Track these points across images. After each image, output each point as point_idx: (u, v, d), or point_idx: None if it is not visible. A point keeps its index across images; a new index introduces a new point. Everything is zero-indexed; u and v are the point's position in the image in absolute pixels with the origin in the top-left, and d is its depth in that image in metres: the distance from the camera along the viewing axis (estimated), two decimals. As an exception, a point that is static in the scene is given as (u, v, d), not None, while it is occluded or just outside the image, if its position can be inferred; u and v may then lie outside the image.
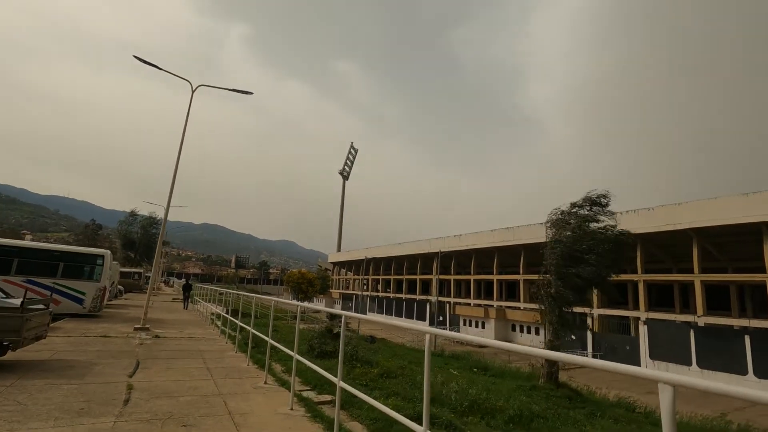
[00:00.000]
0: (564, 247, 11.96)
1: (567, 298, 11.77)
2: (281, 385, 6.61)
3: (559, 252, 12.07)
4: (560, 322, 12.11)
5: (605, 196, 12.05)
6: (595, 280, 11.66)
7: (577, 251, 11.57)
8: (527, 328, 42.86)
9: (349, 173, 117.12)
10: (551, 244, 12.47)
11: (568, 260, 11.78)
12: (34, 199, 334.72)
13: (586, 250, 11.46)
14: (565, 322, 12.09)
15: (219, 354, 8.99)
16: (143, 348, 9.05)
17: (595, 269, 11.21)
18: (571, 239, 11.88)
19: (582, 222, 12.00)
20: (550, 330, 12.33)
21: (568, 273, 11.74)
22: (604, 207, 12.11)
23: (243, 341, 10.25)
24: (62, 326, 11.76)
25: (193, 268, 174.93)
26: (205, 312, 18.13)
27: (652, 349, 30.66)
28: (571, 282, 11.68)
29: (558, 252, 12.12)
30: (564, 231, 12.27)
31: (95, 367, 6.85)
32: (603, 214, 12.09)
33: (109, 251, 15.61)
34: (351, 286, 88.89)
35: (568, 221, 12.33)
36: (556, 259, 12.12)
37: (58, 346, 8.49)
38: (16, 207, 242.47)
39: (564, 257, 11.96)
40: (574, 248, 11.68)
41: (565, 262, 11.91)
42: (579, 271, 11.34)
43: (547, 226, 13.08)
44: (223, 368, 7.54)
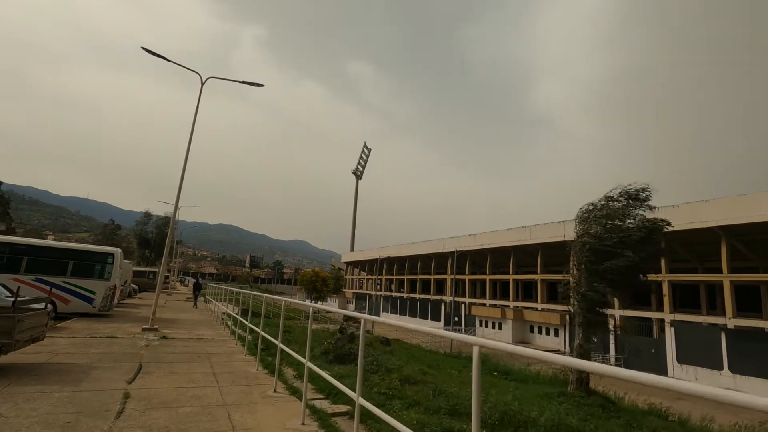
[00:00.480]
0: (594, 241, 11.12)
1: (599, 297, 10.93)
2: (292, 394, 6.02)
3: (589, 247, 11.22)
4: (590, 323, 11.26)
5: (645, 189, 11.14)
6: (630, 274, 10.77)
7: (608, 245, 10.71)
8: (546, 330, 41.65)
9: (363, 173, 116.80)
10: (580, 239, 11.63)
11: (599, 255, 10.94)
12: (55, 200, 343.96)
13: (618, 243, 10.59)
14: (597, 324, 11.25)
15: (227, 357, 8.47)
16: (148, 350, 8.58)
17: (630, 262, 10.34)
18: (602, 233, 11.02)
19: (615, 215, 11.13)
20: (579, 333, 11.51)
21: (599, 269, 10.89)
22: (643, 201, 11.21)
23: (253, 343, 9.74)
24: (70, 326, 11.44)
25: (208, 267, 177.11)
26: (217, 312, 17.75)
27: (679, 352, 29.29)
28: (603, 279, 10.83)
29: (587, 247, 11.27)
30: (594, 225, 11.42)
31: (93, 372, 6.37)
32: (641, 208, 11.18)
33: (119, 249, 15.33)
34: (364, 285, 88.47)
35: (599, 215, 11.47)
36: (585, 255, 11.28)
37: (59, 348, 8.07)
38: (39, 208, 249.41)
39: (594, 252, 11.12)
40: (604, 242, 10.82)
41: (595, 258, 11.07)
42: (611, 264, 10.47)
43: (576, 222, 12.22)
44: (230, 373, 6.99)
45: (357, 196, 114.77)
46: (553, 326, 40.50)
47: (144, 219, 50.20)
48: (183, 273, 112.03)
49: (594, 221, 11.59)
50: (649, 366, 30.17)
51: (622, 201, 11.44)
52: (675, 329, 30.25)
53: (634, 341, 32.66)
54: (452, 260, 59.29)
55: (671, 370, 29.38)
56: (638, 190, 11.36)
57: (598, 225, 11.36)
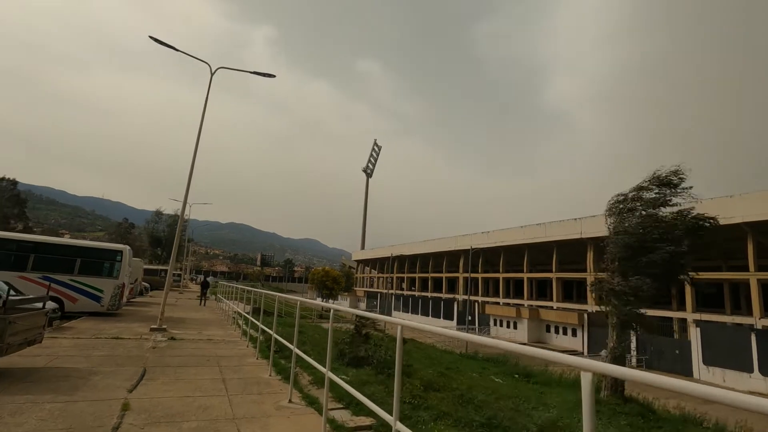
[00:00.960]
0: (629, 237, 10.31)
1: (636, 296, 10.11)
2: (309, 405, 5.41)
3: (624, 243, 10.41)
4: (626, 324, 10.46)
5: (677, 173, 10.27)
6: (671, 272, 9.95)
7: (647, 241, 9.89)
8: (563, 329, 40.54)
9: (373, 170, 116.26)
10: (614, 235, 10.80)
11: (636, 252, 10.13)
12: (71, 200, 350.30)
13: (657, 239, 9.77)
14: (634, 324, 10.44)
15: (238, 361, 7.90)
16: (155, 353, 8.06)
17: (670, 259, 9.52)
18: (639, 227, 10.20)
19: (650, 207, 10.29)
20: (613, 335, 10.72)
21: (637, 265, 10.08)
22: (676, 187, 10.34)
23: (265, 344, 9.17)
24: (76, 326, 11.02)
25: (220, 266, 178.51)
26: (228, 310, 17.30)
27: (705, 353, 28.08)
28: (642, 276, 10.01)
29: (622, 243, 10.46)
30: (629, 219, 10.60)
31: (93, 378, 5.84)
32: (676, 195, 10.33)
33: (128, 247, 14.93)
34: (375, 284, 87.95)
35: (633, 207, 10.65)
36: (620, 251, 10.47)
37: (60, 350, 7.59)
38: (56, 208, 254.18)
39: (630, 249, 10.31)
40: (642, 238, 10.00)
41: (632, 254, 10.27)
42: (650, 261, 9.66)
43: (607, 215, 11.39)
44: (241, 380, 6.41)
45: (367, 194, 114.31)
46: (570, 326, 39.40)
47: (155, 217, 50.33)
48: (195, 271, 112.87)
49: (627, 214, 10.77)
50: (673, 368, 29.04)
51: (654, 189, 10.58)
52: (701, 329, 29.02)
53: (656, 342, 31.46)
54: (465, 258, 58.34)
55: (697, 372, 28.20)
56: (670, 174, 10.48)
57: (633, 218, 10.54)
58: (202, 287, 25.73)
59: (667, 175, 10.42)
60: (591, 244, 42.68)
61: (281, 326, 13.63)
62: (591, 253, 42.65)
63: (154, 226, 49.85)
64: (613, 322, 10.74)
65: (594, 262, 42.16)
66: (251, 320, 9.86)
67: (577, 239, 43.72)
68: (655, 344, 31.50)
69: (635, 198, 10.78)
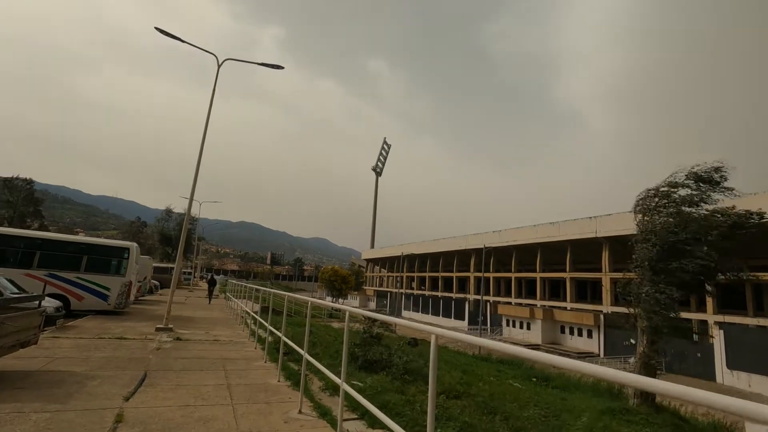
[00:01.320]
0: (661, 236, 9.62)
1: (668, 300, 9.43)
2: (321, 416, 4.91)
3: (655, 243, 9.73)
4: (658, 329, 9.79)
5: (719, 170, 9.54)
6: (705, 275, 9.25)
7: (679, 241, 9.20)
8: (578, 331, 39.57)
9: (382, 169, 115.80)
10: (643, 233, 10.12)
11: (668, 253, 9.45)
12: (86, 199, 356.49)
13: (690, 239, 9.07)
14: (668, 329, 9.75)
15: (245, 364, 7.45)
16: (158, 354, 7.65)
17: (704, 263, 8.82)
18: (671, 226, 9.50)
19: (684, 204, 9.57)
20: (643, 340, 10.04)
21: (668, 268, 9.41)
22: (717, 184, 9.61)
23: (273, 346, 8.72)
24: (80, 325, 10.71)
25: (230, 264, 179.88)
26: (237, 309, 16.95)
27: (729, 357, 27.01)
28: (674, 279, 9.34)
29: (653, 243, 9.78)
30: (660, 217, 9.91)
31: (90, 383, 5.42)
32: (716, 192, 9.60)
33: (135, 244, 14.64)
34: (385, 283, 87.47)
35: (665, 204, 9.95)
36: (650, 251, 9.79)
37: (60, 351, 7.22)
38: (71, 207, 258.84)
39: (662, 249, 9.63)
40: (675, 237, 9.31)
41: (663, 255, 9.59)
42: (683, 264, 8.97)
43: (635, 212, 10.69)
44: (247, 386, 5.95)
45: (377, 192, 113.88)
46: (586, 327, 38.42)
47: (165, 215, 50.48)
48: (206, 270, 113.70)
49: (658, 211, 10.07)
50: (695, 371, 28.02)
51: (691, 185, 9.86)
52: (724, 332, 27.93)
53: (677, 345, 30.39)
54: (476, 257, 57.52)
55: (720, 376, 27.15)
56: (710, 171, 9.74)
57: (665, 216, 9.84)
58: (209, 285, 25.74)
59: (707, 171, 9.68)
60: (606, 243, 41.62)
61: (291, 326, 13.20)
62: (606, 252, 41.60)
63: (165, 224, 49.98)
64: (643, 325, 10.06)
65: (609, 262, 41.11)
66: (259, 320, 9.42)
67: (592, 238, 42.70)
68: (675, 347, 30.44)
69: (666, 194, 10.08)
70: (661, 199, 10.04)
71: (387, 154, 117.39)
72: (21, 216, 55.42)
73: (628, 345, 34.20)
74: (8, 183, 56.34)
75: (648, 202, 10.32)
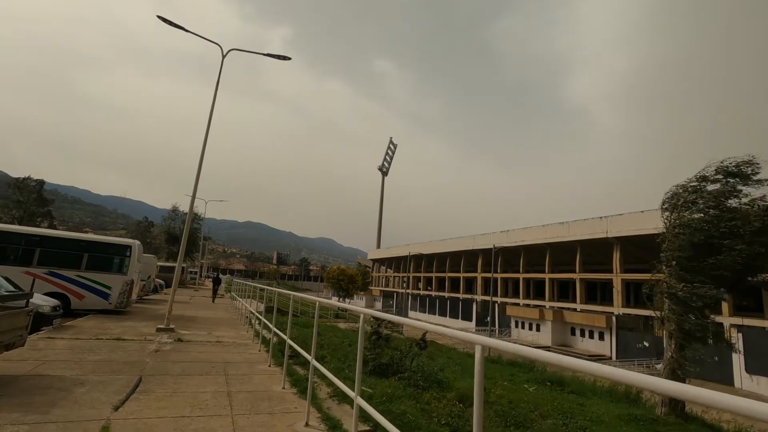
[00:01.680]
0: (692, 233, 9.01)
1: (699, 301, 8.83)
2: (331, 429, 4.41)
3: (685, 240, 9.12)
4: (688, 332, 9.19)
5: (750, 163, 8.92)
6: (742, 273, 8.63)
7: (713, 237, 8.58)
8: (589, 332, 38.74)
9: (389, 169, 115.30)
10: (672, 230, 9.50)
11: (700, 250, 8.85)
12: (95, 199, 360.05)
13: (725, 233, 8.46)
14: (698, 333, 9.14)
15: (248, 368, 6.97)
16: (156, 357, 7.21)
17: (740, 259, 8.22)
18: (703, 222, 8.89)
19: (717, 199, 8.96)
20: (671, 344, 9.44)
21: (700, 266, 8.80)
22: (747, 178, 9.00)
23: (278, 348, 8.25)
24: (79, 324, 10.32)
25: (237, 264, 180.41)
26: (242, 308, 16.55)
27: (748, 361, 26.15)
28: (706, 278, 8.72)
29: (683, 240, 9.17)
30: (690, 213, 9.31)
31: (77, 390, 4.97)
32: (749, 185, 8.98)
33: (137, 242, 14.27)
34: (391, 283, 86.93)
35: (695, 200, 9.35)
36: (680, 249, 9.18)
37: (52, 354, 6.80)
38: (80, 207, 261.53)
39: (693, 246, 9.03)
40: (708, 233, 8.70)
41: (694, 253, 8.99)
42: (718, 261, 8.37)
43: (663, 208, 10.07)
44: (250, 393, 5.47)
45: (383, 192, 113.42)
46: (597, 329, 37.60)
47: (171, 214, 50.38)
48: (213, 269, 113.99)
49: (688, 207, 9.46)
50: (712, 376, 27.15)
51: (721, 180, 9.25)
52: (743, 335, 27.06)
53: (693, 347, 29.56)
54: (484, 258, 56.79)
55: (739, 381, 26.30)
56: (741, 164, 9.12)
57: (696, 212, 9.23)
58: (213, 284, 25.52)
59: (738, 165, 9.06)
60: (617, 243, 40.76)
61: (297, 327, 12.74)
62: (617, 253, 40.75)
63: (171, 224, 49.89)
64: (671, 329, 9.46)
65: (620, 263, 40.25)
66: (264, 321, 8.95)
67: (603, 239, 41.83)
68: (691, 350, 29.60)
69: (696, 189, 9.47)
70: (690, 194, 9.44)
71: (393, 153, 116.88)
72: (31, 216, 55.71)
73: (642, 347, 33.39)
74: (19, 183, 56.71)
75: (677, 199, 9.72)
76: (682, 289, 9.06)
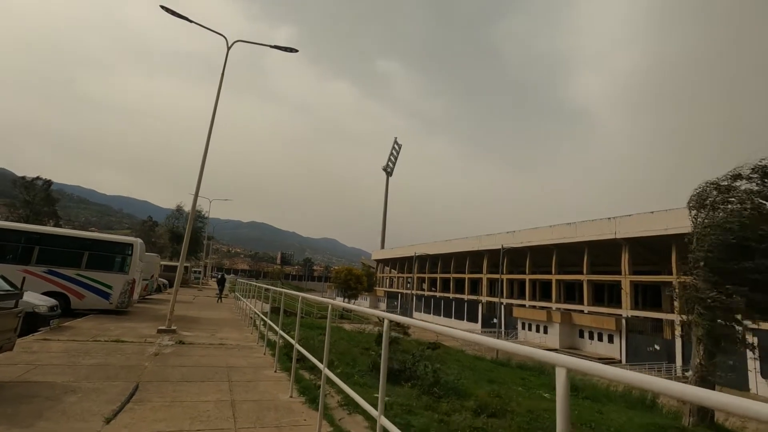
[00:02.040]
0: (724, 233, 8.51)
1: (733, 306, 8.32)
2: (344, 446, 3.97)
3: (717, 241, 8.61)
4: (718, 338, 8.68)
5: None
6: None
7: (748, 239, 8.07)
8: (598, 335, 38.06)
9: (393, 169, 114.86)
10: (702, 231, 8.99)
11: (733, 251, 8.34)
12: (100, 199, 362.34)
13: (763, 236, 7.94)
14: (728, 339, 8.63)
15: (253, 374, 6.54)
16: (156, 361, 6.79)
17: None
18: (737, 223, 8.38)
19: (752, 198, 8.43)
20: (699, 350, 8.93)
21: (733, 269, 8.30)
22: None
23: (285, 351, 7.83)
24: (77, 325, 9.94)
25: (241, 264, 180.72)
26: (246, 309, 16.15)
27: (764, 366, 25.43)
28: (740, 282, 8.21)
29: (715, 241, 8.66)
30: (722, 212, 8.80)
31: (68, 399, 4.56)
32: None
33: (139, 240, 13.90)
34: (395, 284, 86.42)
35: (728, 198, 8.84)
36: (712, 251, 8.67)
37: (45, 357, 6.40)
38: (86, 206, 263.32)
39: (726, 248, 8.52)
40: (743, 234, 8.19)
41: (727, 255, 8.49)
42: (757, 265, 7.85)
43: (691, 207, 9.56)
44: (255, 402, 5.03)
45: (387, 193, 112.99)
46: (606, 331, 36.92)
47: (175, 214, 50.25)
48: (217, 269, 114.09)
49: (717, 207, 8.95)
50: (725, 381, 26.46)
51: (755, 179, 8.73)
52: (758, 339, 26.32)
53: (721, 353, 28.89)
54: (489, 259, 56.19)
55: (754, 386, 25.61)
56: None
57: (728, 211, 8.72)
58: (218, 284, 25.24)
59: None
60: (626, 245, 40.10)
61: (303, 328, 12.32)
62: (626, 254, 40.08)
63: (175, 223, 49.73)
64: (699, 334, 8.94)
65: (629, 265, 39.56)
66: (269, 323, 8.52)
67: (611, 240, 41.15)
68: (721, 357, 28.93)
69: (727, 188, 8.95)
70: (720, 193, 8.93)
71: (398, 154, 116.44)
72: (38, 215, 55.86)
73: (653, 351, 32.71)
74: (27, 183, 57.02)
75: (705, 196, 9.21)
76: (712, 293, 8.55)
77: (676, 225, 33.43)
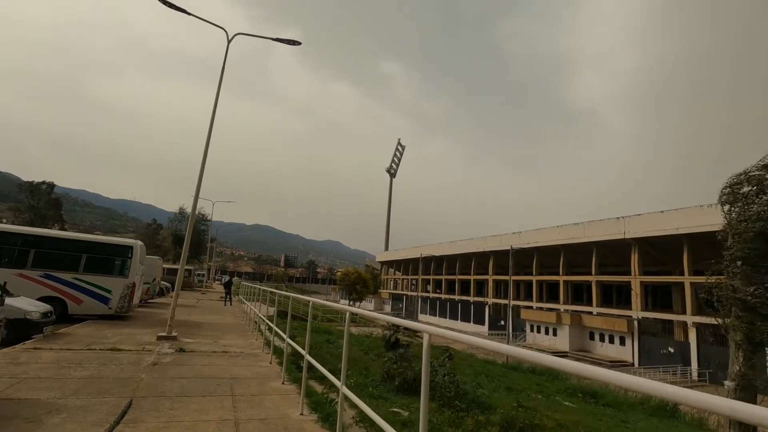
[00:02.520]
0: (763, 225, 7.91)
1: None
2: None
3: (754, 236, 8.02)
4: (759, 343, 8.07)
5: None
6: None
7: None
8: (609, 337, 37.26)
9: (396, 170, 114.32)
10: (739, 224, 8.39)
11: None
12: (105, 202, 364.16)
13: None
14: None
15: (258, 386, 5.99)
16: (153, 373, 6.25)
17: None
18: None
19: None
20: (739, 356, 8.31)
21: (775, 267, 7.70)
22: None
23: (292, 360, 7.28)
24: (73, 332, 9.43)
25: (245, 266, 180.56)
26: (251, 313, 15.62)
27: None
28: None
29: (751, 236, 8.07)
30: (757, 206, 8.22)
31: (50, 420, 4.03)
32: None
33: (140, 242, 13.41)
34: (399, 286, 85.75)
35: (764, 190, 8.25)
36: (748, 247, 8.09)
37: (32, 369, 5.88)
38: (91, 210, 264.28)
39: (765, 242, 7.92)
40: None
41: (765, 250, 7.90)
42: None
43: (722, 201, 8.96)
44: (261, 422, 4.48)
45: (391, 194, 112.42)
46: (618, 333, 36.12)
47: (178, 216, 49.94)
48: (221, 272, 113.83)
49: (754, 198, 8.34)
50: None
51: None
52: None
53: (722, 354, 28.03)
54: (495, 260, 55.47)
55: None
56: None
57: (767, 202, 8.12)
58: (225, 287, 24.71)
59: None
60: (636, 245, 39.34)
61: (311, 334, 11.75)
62: (635, 254, 39.31)
63: (177, 225, 49.42)
64: (737, 338, 8.32)
65: (639, 265, 38.78)
66: (276, 330, 7.97)
67: (620, 240, 40.40)
68: (720, 357, 28.08)
69: (761, 179, 8.36)
70: (756, 184, 8.34)
71: (401, 155, 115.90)
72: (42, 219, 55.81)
73: (666, 353, 31.91)
74: (32, 187, 57.12)
75: (738, 188, 8.62)
76: (752, 292, 7.96)
77: (688, 224, 32.67)
